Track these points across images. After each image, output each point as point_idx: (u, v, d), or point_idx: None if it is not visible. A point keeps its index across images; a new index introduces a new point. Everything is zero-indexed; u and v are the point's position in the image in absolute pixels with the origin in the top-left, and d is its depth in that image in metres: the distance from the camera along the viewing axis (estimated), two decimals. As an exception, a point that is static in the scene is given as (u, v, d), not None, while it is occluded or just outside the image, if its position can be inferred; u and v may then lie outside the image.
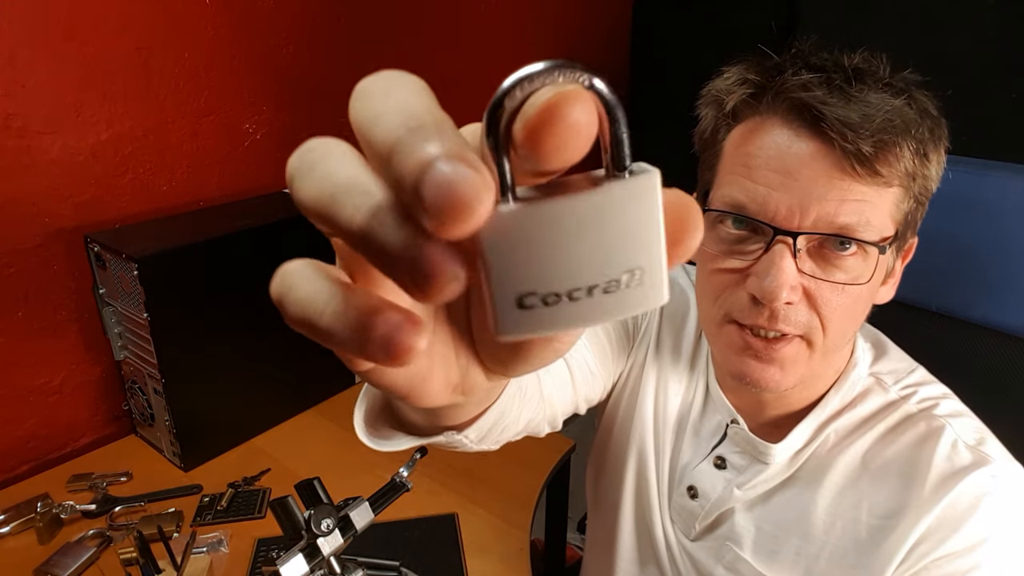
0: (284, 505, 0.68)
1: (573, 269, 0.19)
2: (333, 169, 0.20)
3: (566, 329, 0.19)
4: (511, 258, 0.18)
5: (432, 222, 0.16)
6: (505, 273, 0.19)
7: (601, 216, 0.18)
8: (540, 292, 0.19)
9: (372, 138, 0.18)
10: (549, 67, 0.18)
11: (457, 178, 0.16)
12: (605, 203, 0.18)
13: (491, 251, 0.18)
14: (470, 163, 0.16)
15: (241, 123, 1.32)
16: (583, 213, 0.18)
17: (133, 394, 1.17)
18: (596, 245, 0.19)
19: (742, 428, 0.67)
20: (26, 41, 1.02)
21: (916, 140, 0.53)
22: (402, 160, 0.17)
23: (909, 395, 0.64)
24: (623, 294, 0.19)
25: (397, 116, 0.18)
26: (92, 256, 1.10)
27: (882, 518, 0.60)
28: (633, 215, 0.19)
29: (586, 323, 0.19)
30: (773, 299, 0.53)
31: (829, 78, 0.53)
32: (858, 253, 0.55)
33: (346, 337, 0.19)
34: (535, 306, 0.19)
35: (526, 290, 0.19)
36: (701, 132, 0.63)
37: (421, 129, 0.17)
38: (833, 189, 0.53)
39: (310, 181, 0.20)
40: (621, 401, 0.79)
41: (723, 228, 0.58)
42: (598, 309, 0.19)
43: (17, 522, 0.99)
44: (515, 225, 0.18)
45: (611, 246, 0.19)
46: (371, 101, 0.19)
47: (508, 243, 0.18)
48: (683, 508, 0.73)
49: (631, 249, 0.19)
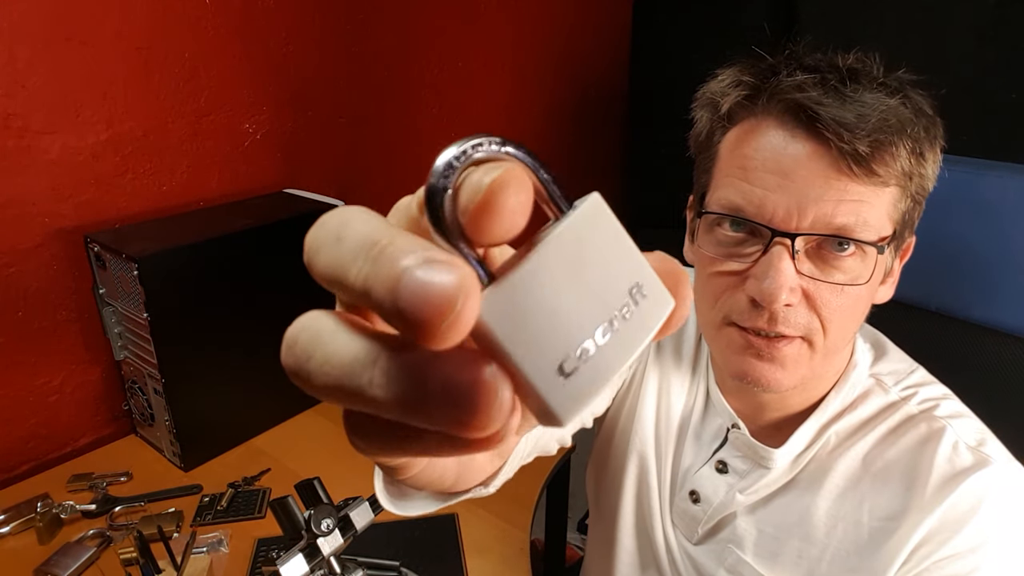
0: (284, 505, 0.68)
1: (586, 312, 0.18)
2: (332, 353, 0.18)
3: (614, 373, 0.19)
4: (529, 331, 0.17)
5: (428, 332, 0.16)
6: (533, 350, 0.17)
7: (574, 252, 0.18)
8: (573, 352, 0.18)
9: (346, 288, 0.18)
10: (464, 148, 0.18)
11: (429, 277, 0.15)
12: (569, 240, 0.18)
13: (508, 337, 0.17)
14: (436, 259, 0.16)
15: (241, 123, 1.32)
16: (558, 258, 0.18)
17: (133, 394, 1.17)
18: (589, 280, 0.18)
19: (743, 433, 0.67)
20: (26, 41, 1.02)
21: (912, 139, 0.53)
22: (378, 291, 0.16)
23: (910, 396, 0.64)
24: (639, 312, 0.19)
25: (357, 255, 0.17)
26: (92, 256, 1.10)
27: (883, 520, 0.60)
28: (599, 238, 0.19)
29: (627, 356, 0.19)
30: (772, 301, 0.53)
31: (824, 78, 0.53)
32: (856, 253, 0.55)
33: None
34: (576, 369, 0.18)
35: (561, 357, 0.18)
36: (696, 135, 0.63)
37: (381, 255, 0.17)
38: (830, 190, 0.53)
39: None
40: (623, 406, 0.79)
41: (721, 231, 0.58)
42: (629, 337, 0.19)
43: (17, 522, 0.99)
44: (511, 300, 0.17)
45: (601, 275, 0.19)
46: (326, 253, 0.18)
47: (518, 318, 0.17)
48: (685, 512, 0.73)
49: (618, 269, 0.19)
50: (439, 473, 0.27)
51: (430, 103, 1.68)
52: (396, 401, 0.17)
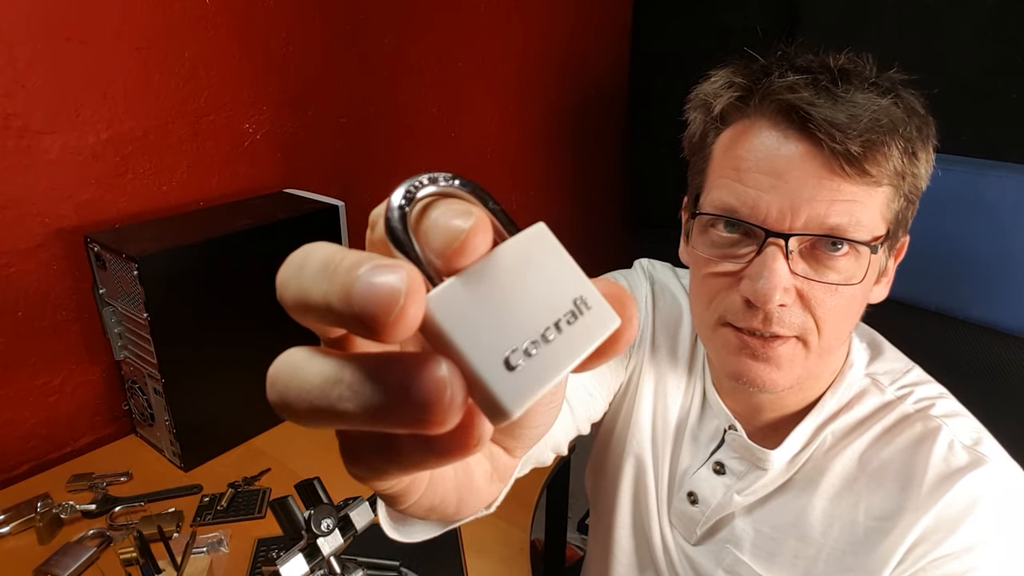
0: (284, 505, 0.68)
1: (531, 313, 0.19)
2: (304, 379, 0.20)
3: (560, 373, 0.20)
4: (476, 326, 0.19)
5: (379, 327, 0.17)
6: (479, 343, 0.19)
7: (519, 262, 0.20)
8: (519, 347, 0.19)
9: (312, 309, 0.19)
10: (421, 179, 0.20)
11: (375, 277, 0.17)
12: (514, 250, 0.20)
13: (455, 329, 0.19)
14: (382, 264, 0.18)
15: (241, 123, 1.32)
16: (503, 264, 0.20)
17: (133, 394, 1.17)
18: (533, 286, 0.20)
19: (739, 434, 0.67)
20: (26, 41, 1.02)
21: (904, 139, 0.53)
22: (336, 303, 0.18)
23: (905, 395, 0.64)
24: (583, 322, 0.20)
25: (317, 278, 0.19)
26: (92, 256, 1.10)
27: (879, 519, 0.60)
28: (543, 254, 0.21)
29: (571, 360, 0.20)
30: (766, 301, 0.53)
31: (815, 79, 0.53)
32: (850, 253, 0.55)
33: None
34: (520, 364, 0.19)
35: (507, 351, 0.19)
36: (690, 136, 0.63)
37: (336, 271, 0.18)
38: (823, 190, 0.53)
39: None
40: (620, 409, 0.79)
41: (715, 232, 0.58)
42: (573, 343, 0.20)
43: (17, 522, 0.99)
44: (458, 296, 0.19)
45: (545, 284, 0.20)
46: (292, 284, 0.20)
47: (464, 313, 0.19)
48: (683, 514, 0.73)
49: (562, 281, 0.20)
50: (440, 499, 0.28)
51: (430, 103, 1.68)
52: (364, 410, 0.18)
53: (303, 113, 1.42)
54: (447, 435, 0.19)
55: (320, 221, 1.26)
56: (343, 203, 1.29)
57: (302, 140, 1.43)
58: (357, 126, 1.53)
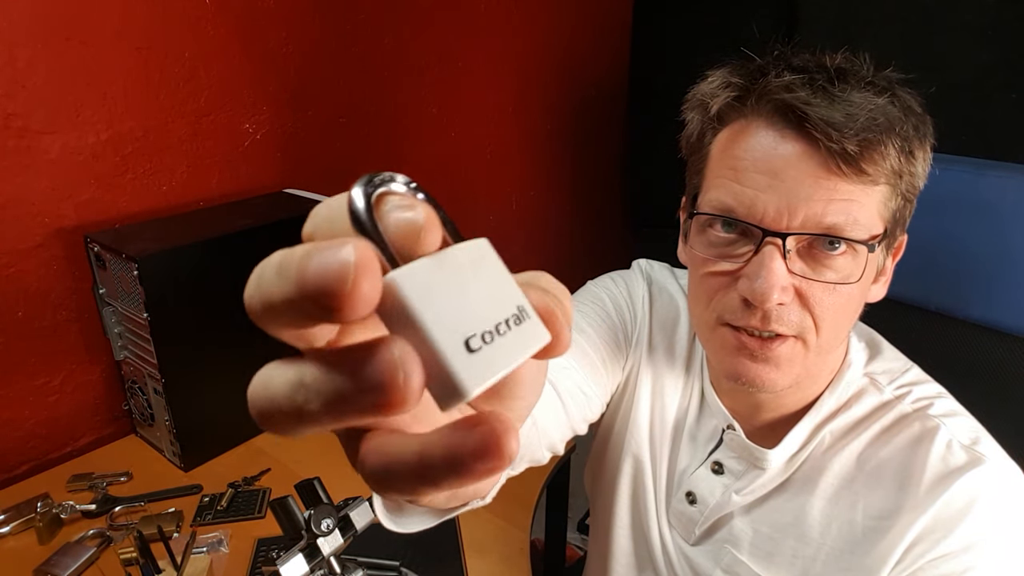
0: (284, 505, 0.68)
1: (486, 306, 0.20)
2: (275, 390, 0.20)
3: (515, 361, 0.20)
4: (440, 305, 0.19)
5: (334, 303, 0.17)
6: (443, 321, 0.19)
7: (470, 262, 0.21)
8: (479, 331, 0.20)
9: (276, 310, 0.19)
10: (383, 176, 0.21)
11: (324, 256, 0.17)
12: (466, 252, 0.21)
13: (420, 305, 0.19)
14: (329, 243, 0.18)
15: (241, 123, 1.32)
16: (459, 260, 0.21)
17: (133, 394, 1.17)
18: (485, 285, 0.21)
19: (738, 434, 0.67)
20: (26, 41, 1.02)
21: (901, 138, 0.53)
22: (292, 293, 0.18)
23: (904, 395, 0.64)
24: (525, 328, 0.21)
25: (272, 280, 0.19)
26: (92, 256, 1.10)
27: (877, 519, 0.60)
28: (487, 263, 0.22)
29: (522, 355, 0.21)
30: (764, 300, 0.53)
31: (812, 78, 0.53)
32: (848, 252, 0.55)
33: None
34: (480, 348, 0.20)
35: (469, 331, 0.20)
36: (687, 137, 0.63)
37: (288, 266, 0.19)
38: (820, 189, 0.53)
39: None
40: (618, 408, 0.79)
41: (712, 232, 0.58)
42: (525, 337, 0.21)
43: (17, 522, 0.99)
44: (424, 275, 0.20)
45: (494, 286, 0.21)
46: (256, 298, 0.20)
47: (429, 292, 0.19)
48: (682, 514, 0.73)
49: (506, 290, 0.22)
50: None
51: (430, 103, 1.68)
52: (326, 406, 0.19)
53: (303, 113, 1.42)
54: (478, 455, 0.19)
55: (320, 221, 1.26)
56: (343, 203, 1.28)
57: (302, 140, 1.43)
58: (357, 126, 1.53)
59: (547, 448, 0.68)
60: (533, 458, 0.66)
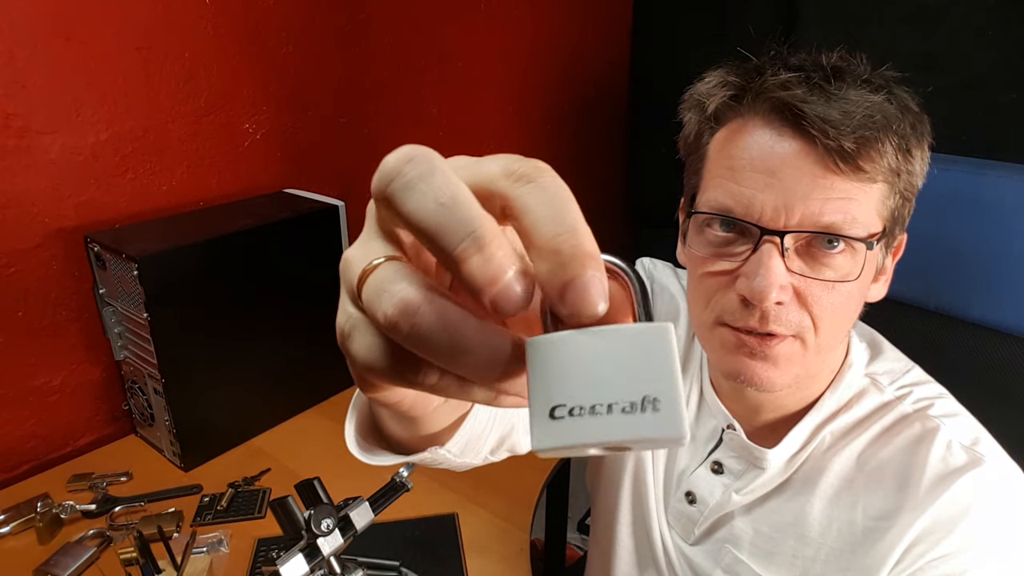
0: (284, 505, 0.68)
1: (595, 386, 0.22)
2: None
3: (588, 442, 0.22)
4: (548, 374, 0.22)
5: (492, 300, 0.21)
6: (544, 386, 0.22)
7: (627, 342, 0.22)
8: (569, 403, 0.22)
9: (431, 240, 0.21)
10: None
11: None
12: (630, 333, 0.23)
13: (532, 365, 0.22)
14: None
15: (241, 123, 1.32)
16: (611, 343, 0.22)
17: (133, 394, 1.17)
18: (622, 368, 0.22)
19: (737, 434, 0.67)
20: (26, 41, 1.02)
21: (898, 136, 0.53)
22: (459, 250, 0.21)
23: (904, 395, 0.64)
24: (640, 417, 0.22)
25: (461, 230, 0.21)
26: (92, 256, 1.10)
27: (877, 519, 0.60)
28: (653, 350, 0.22)
29: (606, 438, 0.22)
30: (762, 299, 0.53)
31: (808, 77, 0.53)
32: (846, 251, 0.55)
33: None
34: (563, 417, 0.22)
35: (557, 401, 0.22)
36: (685, 137, 0.63)
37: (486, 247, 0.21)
38: (817, 187, 0.53)
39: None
40: None
41: (711, 232, 0.58)
42: (619, 426, 0.22)
43: (17, 522, 0.99)
44: (553, 346, 0.22)
45: (634, 372, 0.22)
46: (413, 197, 0.22)
47: (547, 359, 0.22)
48: (682, 514, 0.73)
49: (649, 378, 0.22)
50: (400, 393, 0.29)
51: (430, 103, 1.68)
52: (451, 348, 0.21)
53: (303, 113, 1.42)
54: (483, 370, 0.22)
55: (320, 221, 1.26)
56: (343, 203, 1.29)
57: (302, 140, 1.43)
58: (357, 126, 1.53)
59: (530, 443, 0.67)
60: (513, 449, 0.65)
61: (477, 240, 0.20)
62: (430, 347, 0.21)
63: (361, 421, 0.47)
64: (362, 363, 0.24)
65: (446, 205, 0.21)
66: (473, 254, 0.20)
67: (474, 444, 0.51)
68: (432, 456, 0.47)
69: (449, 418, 0.44)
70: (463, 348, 0.21)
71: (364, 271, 0.23)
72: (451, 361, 0.22)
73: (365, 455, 0.47)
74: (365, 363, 0.24)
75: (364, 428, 0.48)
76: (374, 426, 0.48)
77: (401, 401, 0.29)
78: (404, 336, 0.21)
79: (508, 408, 0.28)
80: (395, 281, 0.22)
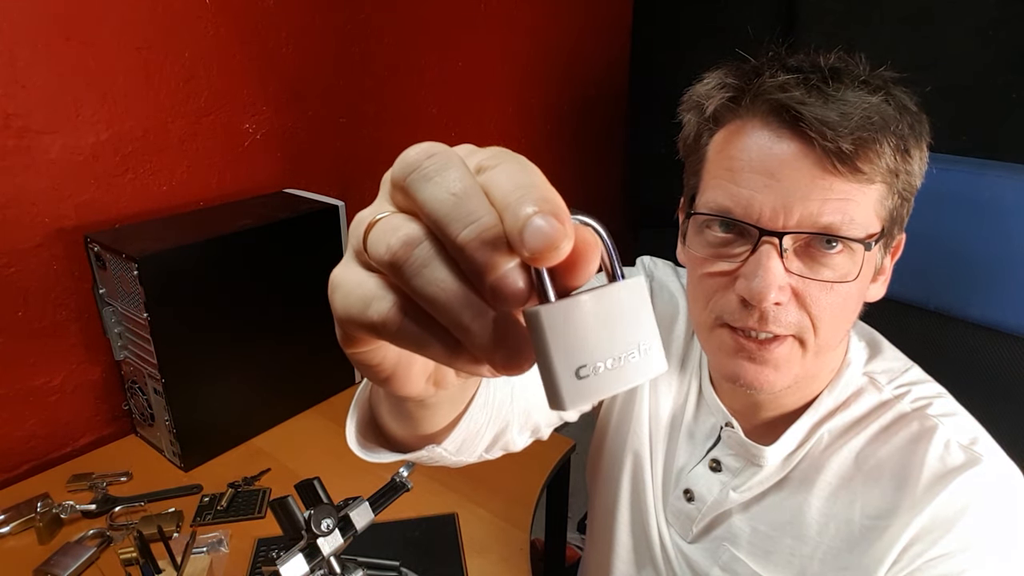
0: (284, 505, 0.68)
1: (607, 343, 0.25)
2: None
3: (610, 392, 0.25)
4: (565, 339, 0.24)
5: (530, 254, 0.22)
6: (564, 352, 0.24)
7: (615, 301, 0.25)
8: (591, 362, 0.24)
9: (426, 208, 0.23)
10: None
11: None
12: (615, 292, 0.25)
13: (550, 335, 0.24)
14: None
15: (241, 123, 1.32)
16: (604, 302, 0.25)
17: (133, 394, 1.17)
18: (617, 324, 0.25)
19: (735, 432, 0.67)
20: (26, 41, 1.02)
21: (896, 136, 0.53)
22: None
23: (903, 394, 0.64)
24: (639, 361, 0.26)
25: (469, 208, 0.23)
26: (92, 256, 1.10)
27: (875, 518, 0.60)
28: (629, 303, 0.26)
29: (625, 385, 0.25)
30: (761, 300, 0.53)
31: (806, 78, 0.54)
32: (845, 251, 0.55)
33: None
34: (588, 376, 0.24)
35: (581, 362, 0.24)
36: (684, 138, 0.64)
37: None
38: (815, 188, 0.53)
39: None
40: (615, 404, 0.79)
41: (710, 232, 0.58)
42: (626, 373, 0.25)
43: (17, 522, 0.99)
44: (563, 314, 0.24)
45: (626, 325, 0.25)
46: (427, 187, 0.24)
47: (561, 327, 0.24)
48: (680, 511, 0.73)
49: (639, 327, 0.26)
50: (380, 359, 0.30)
51: (430, 103, 1.68)
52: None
53: (303, 113, 1.42)
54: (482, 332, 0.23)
55: (320, 221, 1.26)
56: (343, 203, 1.29)
57: (302, 140, 1.43)
58: (357, 126, 1.53)
59: (529, 431, 0.67)
60: (507, 447, 0.65)
61: (481, 228, 0.22)
62: (424, 279, 0.23)
63: (361, 420, 0.49)
64: (344, 308, 0.26)
65: (457, 195, 0.22)
66: (474, 240, 0.22)
67: (470, 442, 0.52)
68: (429, 454, 0.49)
69: (446, 418, 0.46)
70: (454, 290, 0.23)
71: (372, 221, 0.25)
72: (440, 300, 0.23)
73: (364, 452, 0.48)
74: (346, 305, 0.26)
75: (364, 426, 0.49)
76: (374, 425, 0.50)
77: (382, 362, 0.30)
78: (404, 267, 0.23)
79: (463, 372, 0.30)
80: (401, 223, 0.24)
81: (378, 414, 0.49)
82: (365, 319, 0.25)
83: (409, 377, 0.31)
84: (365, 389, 0.50)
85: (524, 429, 0.67)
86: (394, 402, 0.44)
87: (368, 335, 0.27)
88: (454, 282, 0.23)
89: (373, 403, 0.50)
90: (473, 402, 0.49)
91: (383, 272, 0.25)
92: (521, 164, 0.24)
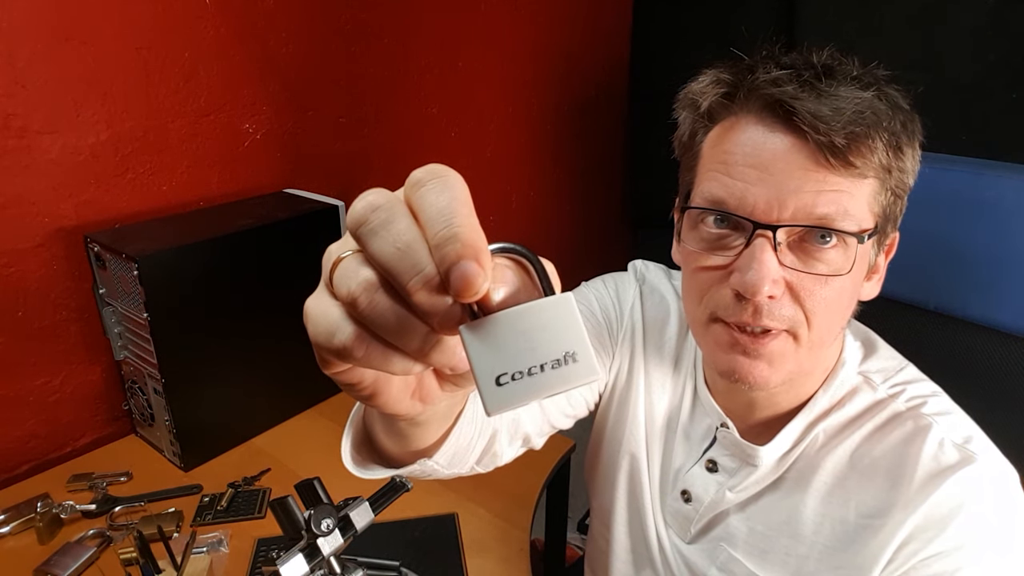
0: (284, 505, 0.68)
1: (526, 353, 0.27)
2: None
3: (530, 399, 0.27)
4: (485, 351, 0.27)
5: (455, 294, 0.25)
6: (484, 362, 0.27)
7: (540, 314, 0.27)
8: (510, 371, 0.27)
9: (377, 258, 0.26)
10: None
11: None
12: (542, 307, 0.28)
13: (472, 349, 0.27)
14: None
15: (241, 123, 1.32)
16: (529, 316, 0.27)
17: (133, 394, 1.17)
18: (539, 337, 0.27)
19: (730, 432, 0.67)
20: (26, 41, 1.02)
21: (889, 132, 0.54)
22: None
23: (897, 393, 0.64)
24: (564, 370, 0.27)
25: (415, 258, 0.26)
26: (92, 256, 1.10)
27: (869, 517, 0.60)
28: (557, 316, 0.28)
29: (546, 392, 0.27)
30: (755, 292, 0.54)
31: (799, 75, 0.54)
32: (838, 245, 0.55)
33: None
34: (507, 383, 0.27)
35: (500, 371, 0.27)
36: (679, 136, 0.64)
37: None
38: (809, 181, 0.53)
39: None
40: (611, 406, 0.80)
41: (704, 227, 0.59)
42: (548, 380, 0.27)
43: (17, 522, 0.99)
44: (482, 330, 0.27)
45: (549, 337, 0.27)
46: (378, 240, 0.26)
47: (481, 342, 0.27)
48: (678, 512, 0.73)
49: (564, 338, 0.27)
50: (357, 378, 0.32)
51: (430, 103, 1.68)
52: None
53: (303, 113, 1.42)
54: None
55: (320, 221, 1.26)
56: (343, 203, 1.29)
57: (302, 140, 1.43)
58: (357, 126, 1.53)
59: (520, 441, 0.69)
60: (494, 461, 0.66)
61: (425, 279, 0.25)
62: (380, 319, 0.26)
63: (356, 438, 0.51)
64: (314, 336, 0.28)
65: (401, 250, 0.25)
66: (420, 289, 0.25)
67: (460, 456, 0.54)
68: (422, 468, 0.51)
69: (436, 433, 0.48)
70: (405, 322, 0.26)
71: (338, 258, 0.28)
72: (393, 331, 0.26)
73: (359, 469, 0.51)
74: (315, 333, 0.28)
75: (359, 444, 0.51)
76: (368, 442, 0.52)
77: (361, 381, 0.32)
78: (361, 308, 0.26)
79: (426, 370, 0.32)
80: (359, 268, 0.26)
81: (373, 433, 0.50)
82: (331, 346, 0.27)
83: (390, 394, 0.33)
84: (359, 410, 0.52)
85: (514, 439, 0.67)
86: (386, 421, 0.46)
87: (336, 360, 0.29)
88: (406, 316, 0.26)
89: (368, 423, 0.51)
90: (461, 416, 0.50)
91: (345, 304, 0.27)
92: (446, 192, 0.26)
